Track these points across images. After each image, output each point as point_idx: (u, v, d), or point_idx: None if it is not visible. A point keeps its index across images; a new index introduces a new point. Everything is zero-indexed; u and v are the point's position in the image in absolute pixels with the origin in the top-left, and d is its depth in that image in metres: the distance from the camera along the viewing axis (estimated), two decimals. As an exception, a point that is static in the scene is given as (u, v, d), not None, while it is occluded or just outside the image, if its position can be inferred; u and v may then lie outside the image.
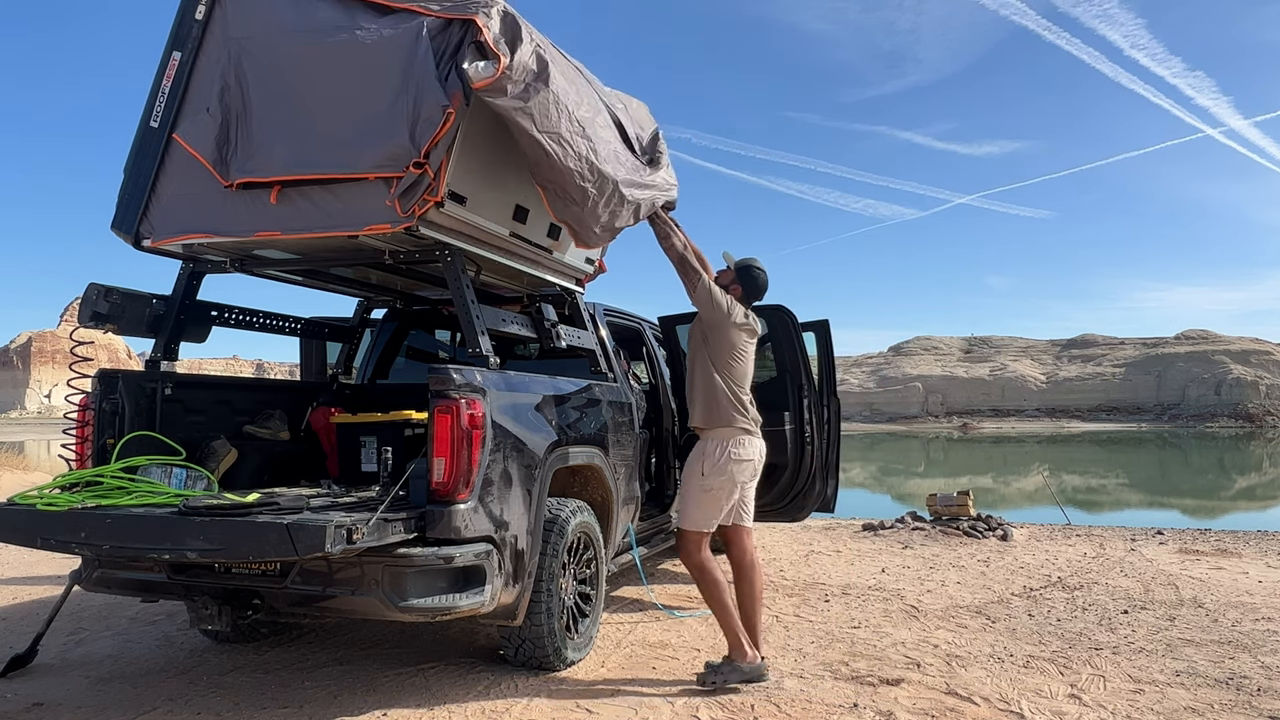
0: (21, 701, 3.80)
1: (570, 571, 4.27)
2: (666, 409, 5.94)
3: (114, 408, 4.03)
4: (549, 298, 4.88)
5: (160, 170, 3.92)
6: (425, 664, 4.26)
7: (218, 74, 3.81)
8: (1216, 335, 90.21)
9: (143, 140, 3.93)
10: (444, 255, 3.90)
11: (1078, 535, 9.24)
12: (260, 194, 3.74)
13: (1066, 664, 4.37)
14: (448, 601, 3.44)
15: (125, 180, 3.99)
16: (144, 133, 3.92)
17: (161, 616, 5.27)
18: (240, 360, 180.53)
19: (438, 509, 3.42)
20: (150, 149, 3.91)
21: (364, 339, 5.88)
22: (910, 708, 3.71)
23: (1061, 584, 6.44)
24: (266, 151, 3.69)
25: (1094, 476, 27.10)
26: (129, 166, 3.98)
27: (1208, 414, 79.09)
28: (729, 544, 4.25)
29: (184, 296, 4.36)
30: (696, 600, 5.77)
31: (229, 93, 3.77)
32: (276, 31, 3.75)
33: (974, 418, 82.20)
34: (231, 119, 3.77)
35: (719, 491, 4.11)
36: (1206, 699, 3.87)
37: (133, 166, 3.97)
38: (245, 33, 3.80)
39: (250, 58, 3.77)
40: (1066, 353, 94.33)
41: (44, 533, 3.39)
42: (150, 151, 3.91)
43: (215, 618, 3.60)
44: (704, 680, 3.94)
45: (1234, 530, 10.10)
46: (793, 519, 5.86)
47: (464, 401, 3.47)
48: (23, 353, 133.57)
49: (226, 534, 3.14)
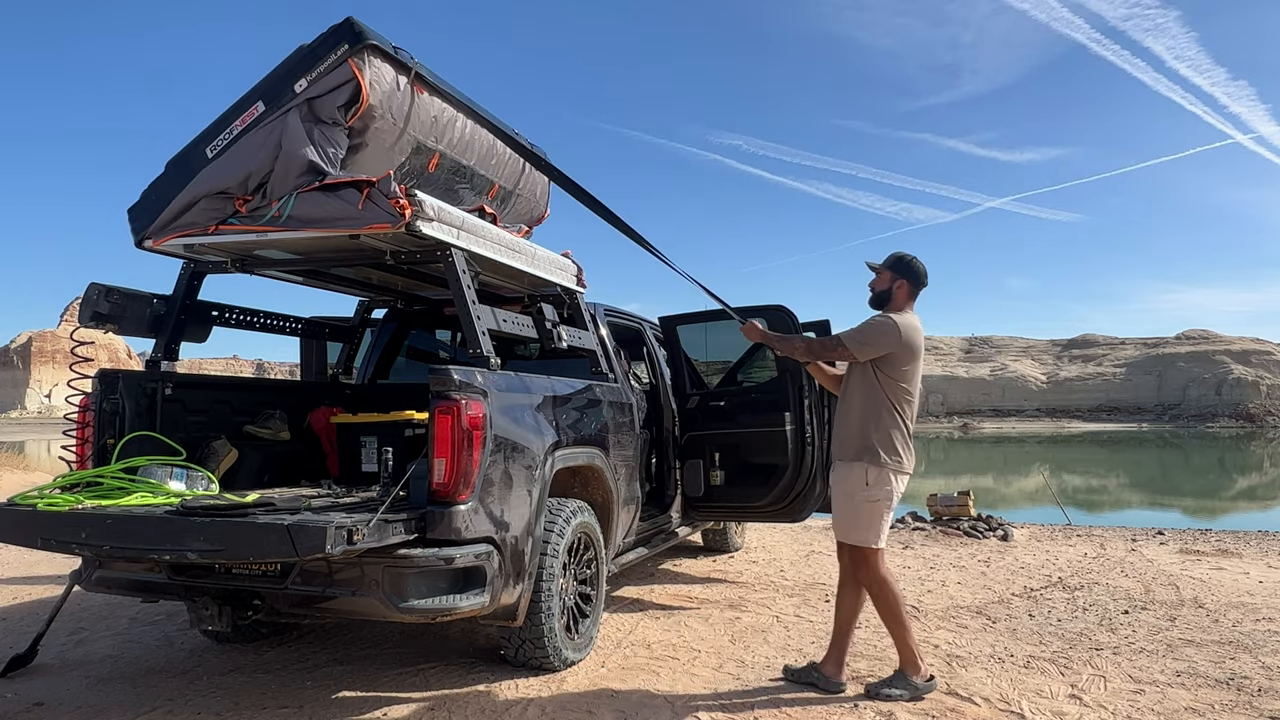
0: (21, 701, 3.80)
1: (570, 572, 4.27)
2: (667, 409, 5.94)
3: (114, 408, 4.03)
4: (550, 298, 4.88)
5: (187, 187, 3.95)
6: (425, 664, 4.26)
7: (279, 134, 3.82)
8: (1217, 335, 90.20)
9: (189, 160, 3.93)
10: (444, 255, 3.90)
11: (1078, 535, 9.25)
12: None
13: (1067, 664, 4.37)
14: (448, 602, 3.44)
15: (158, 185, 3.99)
16: (195, 154, 3.91)
17: (161, 616, 5.27)
18: (240, 360, 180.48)
19: (438, 510, 3.41)
20: (192, 171, 3.91)
21: (364, 339, 5.88)
22: (910, 708, 3.71)
23: (1062, 584, 6.44)
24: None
25: (1094, 477, 27.10)
26: (165, 177, 3.98)
27: (1208, 414, 79.10)
28: (859, 563, 3.94)
29: (184, 296, 4.37)
30: (698, 600, 5.78)
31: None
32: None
33: (974, 418, 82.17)
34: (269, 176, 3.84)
35: (883, 503, 3.87)
36: (1207, 699, 3.86)
37: (169, 178, 3.97)
38: (328, 117, 3.85)
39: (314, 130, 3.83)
40: (1067, 353, 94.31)
41: (44, 533, 3.39)
42: (191, 173, 3.92)
43: (215, 618, 3.59)
44: (874, 691, 3.83)
45: (1235, 530, 10.11)
46: (793, 519, 5.85)
47: (465, 402, 3.47)
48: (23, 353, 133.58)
49: (227, 535, 3.14)
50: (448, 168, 4.53)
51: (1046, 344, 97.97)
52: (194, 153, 3.91)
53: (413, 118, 4.15)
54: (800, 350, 4.13)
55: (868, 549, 3.89)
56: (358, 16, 3.84)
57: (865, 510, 3.87)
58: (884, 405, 3.90)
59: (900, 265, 4.03)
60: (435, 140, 4.36)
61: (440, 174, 4.48)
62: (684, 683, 4.05)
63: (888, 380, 3.90)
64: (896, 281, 4.02)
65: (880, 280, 4.06)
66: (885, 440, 3.88)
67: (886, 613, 3.92)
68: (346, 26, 3.81)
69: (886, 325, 3.90)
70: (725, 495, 5.79)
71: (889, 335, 3.88)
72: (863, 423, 3.91)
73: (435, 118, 4.33)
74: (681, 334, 6.05)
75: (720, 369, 6.34)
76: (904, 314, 3.98)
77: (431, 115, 4.30)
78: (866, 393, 3.93)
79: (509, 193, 5.10)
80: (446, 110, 4.40)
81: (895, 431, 3.91)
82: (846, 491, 3.93)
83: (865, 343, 3.89)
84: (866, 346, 3.89)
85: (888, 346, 3.88)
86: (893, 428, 3.90)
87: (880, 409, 3.90)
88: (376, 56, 3.87)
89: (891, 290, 4.02)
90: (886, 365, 3.91)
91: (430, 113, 4.28)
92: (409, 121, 4.14)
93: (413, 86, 4.11)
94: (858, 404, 3.95)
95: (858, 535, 3.90)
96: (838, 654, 3.99)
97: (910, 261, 4.04)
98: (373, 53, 3.85)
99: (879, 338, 3.88)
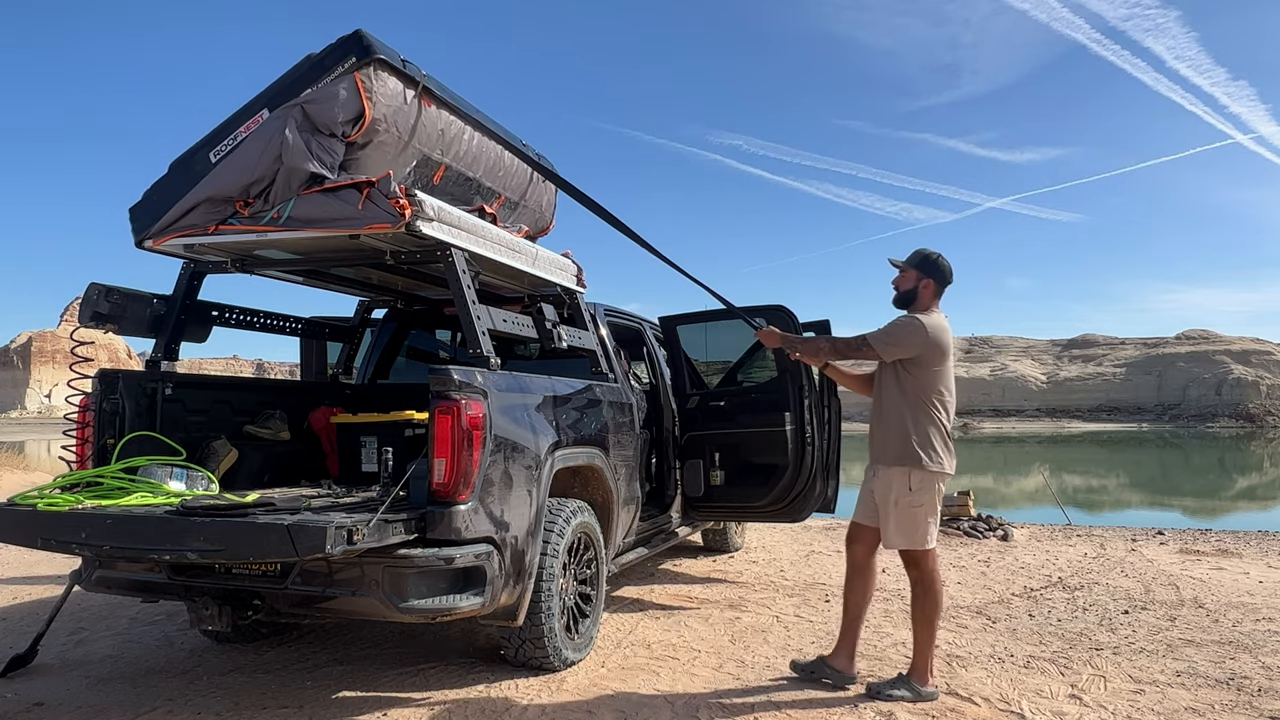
0: (22, 701, 3.80)
1: (570, 572, 4.27)
2: (667, 409, 5.94)
3: (114, 408, 4.03)
4: (550, 298, 4.88)
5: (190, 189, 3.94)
6: (425, 664, 4.26)
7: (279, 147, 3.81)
8: (1217, 335, 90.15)
9: (192, 163, 3.93)
10: (444, 255, 3.90)
11: (1078, 535, 9.24)
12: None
13: (1067, 664, 4.37)
14: (448, 602, 3.44)
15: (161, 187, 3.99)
16: (199, 158, 3.91)
17: (161, 616, 5.27)
18: (240, 360, 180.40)
19: (438, 510, 3.42)
20: (195, 174, 3.92)
21: (364, 339, 5.88)
22: (910, 708, 3.71)
23: (1062, 584, 6.44)
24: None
25: (1094, 476, 27.09)
26: (168, 179, 3.99)
27: (1208, 414, 79.03)
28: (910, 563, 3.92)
29: (185, 296, 4.37)
30: (698, 600, 5.78)
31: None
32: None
33: (974, 418, 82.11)
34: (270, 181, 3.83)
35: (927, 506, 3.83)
36: (1207, 699, 3.86)
37: (172, 180, 3.98)
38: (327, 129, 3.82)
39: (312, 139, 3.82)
40: (1067, 353, 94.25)
41: (44, 533, 3.39)
42: (194, 176, 3.92)
43: (215, 618, 3.59)
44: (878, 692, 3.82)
45: (1235, 530, 10.11)
46: (793, 519, 5.85)
47: (465, 402, 3.47)
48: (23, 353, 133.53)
49: (227, 535, 3.14)
50: (453, 179, 4.53)
51: (1046, 344, 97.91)
52: (198, 157, 3.91)
53: (418, 131, 4.13)
54: (826, 351, 4.07)
55: (917, 550, 3.85)
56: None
57: (909, 515, 3.82)
58: (920, 407, 3.84)
59: (926, 264, 3.95)
60: (441, 153, 4.35)
61: (446, 185, 4.48)
62: (684, 683, 4.05)
63: (921, 382, 3.85)
64: (923, 280, 3.95)
65: (905, 279, 3.98)
66: (925, 442, 3.82)
67: (922, 616, 3.87)
68: (355, 39, 3.78)
69: (914, 326, 3.84)
70: (725, 495, 5.79)
71: (916, 336, 3.83)
72: (900, 425, 3.85)
73: (442, 131, 4.32)
74: (681, 334, 6.05)
75: (720, 369, 6.34)
76: (931, 314, 3.92)
77: (439, 129, 4.29)
78: (901, 395, 3.87)
79: (515, 204, 5.10)
80: (454, 123, 4.38)
81: (934, 432, 3.84)
82: (890, 498, 3.85)
83: (892, 343, 3.84)
84: (893, 347, 3.84)
85: (915, 348, 3.83)
86: (931, 429, 3.84)
87: (918, 411, 3.84)
88: (384, 70, 3.85)
89: (917, 289, 3.95)
90: (916, 367, 3.85)
91: (438, 126, 4.27)
92: (414, 135, 4.12)
93: (420, 100, 4.09)
94: (894, 407, 3.89)
95: (904, 540, 3.85)
96: (848, 647, 4.00)
97: (936, 259, 3.96)
98: (380, 66, 3.83)
99: (906, 338, 3.84)
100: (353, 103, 3.75)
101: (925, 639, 3.86)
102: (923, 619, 3.87)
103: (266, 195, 3.80)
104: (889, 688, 3.84)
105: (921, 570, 3.88)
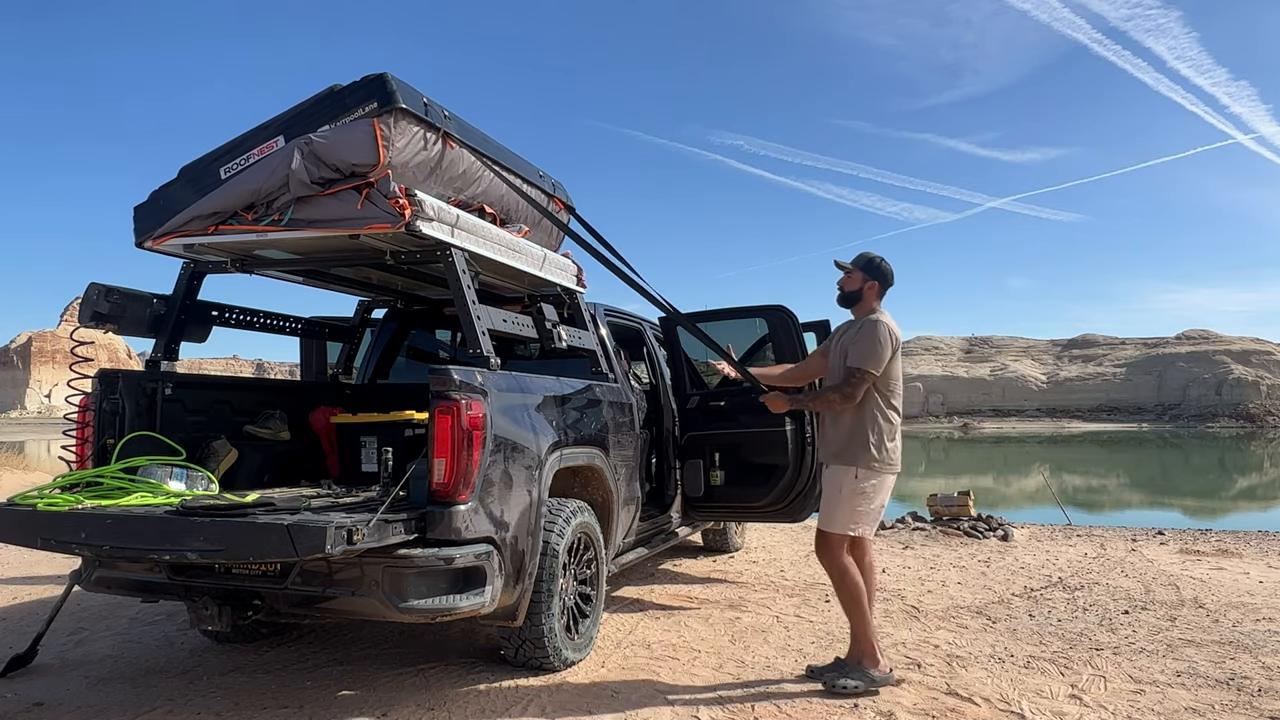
0: (22, 701, 3.80)
1: (570, 572, 4.27)
2: (667, 409, 5.94)
3: (114, 408, 4.03)
4: (550, 298, 4.88)
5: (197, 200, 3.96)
6: (425, 664, 4.26)
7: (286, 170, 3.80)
8: (1217, 335, 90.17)
9: (203, 175, 3.93)
10: (444, 255, 3.90)
11: (1078, 535, 9.25)
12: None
13: (1067, 664, 4.37)
14: (448, 602, 3.44)
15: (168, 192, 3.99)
16: (209, 172, 3.91)
17: (161, 616, 5.27)
18: (240, 360, 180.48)
19: (438, 510, 3.41)
20: (204, 186, 3.91)
21: (364, 339, 5.88)
22: (911, 708, 3.71)
23: (1062, 584, 6.44)
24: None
25: (1095, 477, 27.10)
26: (176, 186, 3.99)
27: (1208, 414, 79.07)
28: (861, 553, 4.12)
29: (184, 296, 4.37)
30: (698, 600, 5.78)
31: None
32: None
33: (974, 418, 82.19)
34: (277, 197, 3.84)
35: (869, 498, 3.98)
36: (1207, 699, 3.86)
37: (179, 188, 3.98)
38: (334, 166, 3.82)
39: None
40: (1067, 353, 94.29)
41: (44, 533, 3.39)
42: (203, 188, 3.91)
43: (215, 618, 3.59)
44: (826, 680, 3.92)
45: (1235, 530, 10.11)
46: (793, 519, 5.85)
47: (464, 402, 3.47)
48: (23, 353, 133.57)
49: (227, 535, 3.14)
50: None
51: (1046, 344, 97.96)
52: (208, 170, 3.91)
53: (437, 173, 4.10)
54: (836, 401, 4.05)
55: (833, 534, 4.01)
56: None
57: (848, 503, 3.98)
58: (876, 406, 4.02)
59: (871, 267, 4.18)
60: (457, 191, 4.32)
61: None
62: (684, 683, 4.04)
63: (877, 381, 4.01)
64: (868, 283, 4.17)
65: (851, 280, 4.19)
66: (878, 441, 4.01)
67: (848, 599, 4.01)
68: (379, 84, 3.72)
69: (882, 330, 4.02)
70: (725, 495, 5.80)
71: (889, 339, 4.02)
72: (854, 426, 4.01)
73: (464, 172, 4.29)
74: (681, 334, 6.05)
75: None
76: (883, 314, 4.12)
77: (460, 170, 4.25)
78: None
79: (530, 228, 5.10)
80: (475, 163, 4.34)
81: (886, 429, 4.03)
82: (835, 487, 4.04)
83: (880, 357, 4.00)
84: (881, 359, 4.00)
85: (890, 348, 4.00)
86: (885, 426, 4.03)
87: (874, 410, 4.02)
88: (405, 119, 3.78)
89: (862, 290, 4.17)
90: None
91: (459, 168, 4.24)
92: (432, 176, 4.08)
93: (444, 142, 4.05)
94: (849, 408, 4.01)
95: (830, 523, 4.02)
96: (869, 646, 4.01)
97: (880, 263, 4.20)
98: (401, 115, 3.75)
99: (885, 344, 4.01)
100: (367, 149, 3.66)
101: (859, 621, 3.98)
102: (849, 603, 4.00)
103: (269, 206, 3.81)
104: (840, 675, 3.91)
105: (830, 558, 4.03)
